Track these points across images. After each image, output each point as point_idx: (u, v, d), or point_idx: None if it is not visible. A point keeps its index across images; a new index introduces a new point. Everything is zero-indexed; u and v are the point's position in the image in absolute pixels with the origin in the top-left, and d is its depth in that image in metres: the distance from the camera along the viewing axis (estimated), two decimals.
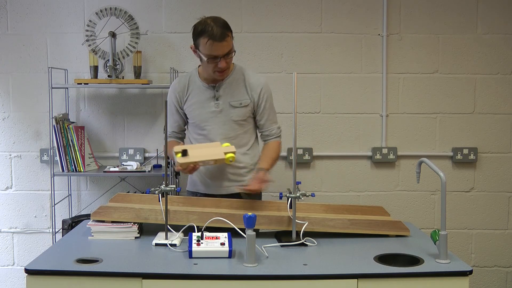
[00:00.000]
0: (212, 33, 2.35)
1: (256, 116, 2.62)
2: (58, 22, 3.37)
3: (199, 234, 1.99)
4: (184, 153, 2.26)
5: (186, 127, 2.72)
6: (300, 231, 2.16)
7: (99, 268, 1.84)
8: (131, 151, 3.41)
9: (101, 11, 3.15)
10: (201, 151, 2.30)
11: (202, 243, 1.96)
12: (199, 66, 2.61)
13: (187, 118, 2.65)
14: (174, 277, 1.81)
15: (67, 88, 3.35)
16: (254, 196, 2.59)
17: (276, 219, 2.23)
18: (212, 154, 2.26)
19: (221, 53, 2.40)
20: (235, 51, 2.49)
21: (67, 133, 3.16)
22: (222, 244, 1.96)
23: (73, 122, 3.30)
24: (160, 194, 2.15)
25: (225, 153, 2.26)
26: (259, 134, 2.70)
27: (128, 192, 3.32)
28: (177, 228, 2.17)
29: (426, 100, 3.47)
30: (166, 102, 2.25)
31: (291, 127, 2.18)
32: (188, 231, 2.09)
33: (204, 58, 2.41)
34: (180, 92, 2.61)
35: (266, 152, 2.61)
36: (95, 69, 3.23)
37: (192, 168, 2.27)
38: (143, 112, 3.42)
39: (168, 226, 2.14)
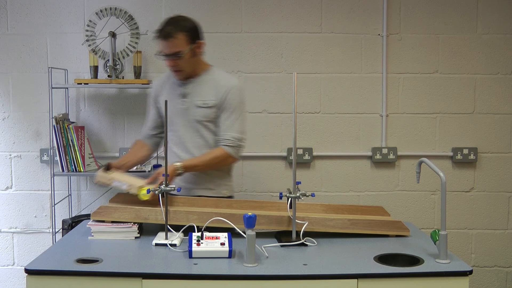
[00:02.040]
0: (160, 30, 2.44)
1: (219, 120, 2.52)
2: (58, 22, 3.37)
3: (199, 234, 1.99)
4: (107, 167, 2.36)
5: (161, 129, 2.70)
6: (300, 231, 2.16)
7: (99, 268, 1.84)
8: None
9: (101, 11, 3.15)
10: (125, 176, 2.38)
11: (202, 243, 1.96)
12: None
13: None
14: (174, 277, 1.81)
15: (67, 88, 3.35)
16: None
17: (276, 219, 2.23)
18: (130, 182, 2.30)
19: (165, 51, 2.45)
20: (184, 53, 2.43)
21: (67, 133, 3.16)
22: (222, 244, 1.96)
23: (73, 122, 3.30)
24: (160, 194, 2.15)
25: (141, 188, 2.26)
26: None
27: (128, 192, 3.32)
28: (177, 228, 2.17)
29: (426, 100, 3.47)
30: (166, 102, 2.23)
31: (291, 127, 2.18)
32: (188, 231, 2.09)
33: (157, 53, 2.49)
34: (158, 87, 2.67)
35: (204, 154, 2.49)
36: (95, 69, 3.23)
37: (103, 183, 2.35)
38: (143, 112, 3.40)
39: (168, 226, 2.14)
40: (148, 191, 2.20)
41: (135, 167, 3.17)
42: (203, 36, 2.58)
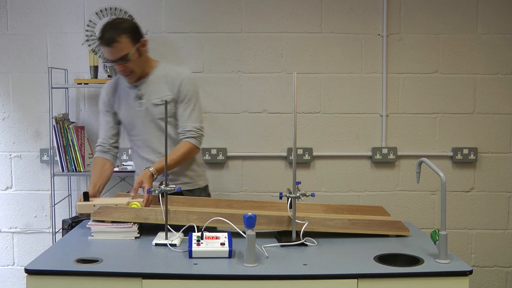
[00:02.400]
0: (102, 37, 2.39)
1: (177, 112, 2.54)
2: (58, 22, 3.37)
3: (199, 234, 1.99)
4: (86, 196, 2.30)
5: (118, 136, 2.67)
6: (300, 231, 2.16)
7: (99, 268, 1.84)
8: (131, 151, 3.40)
9: (101, 11, 3.15)
10: (107, 199, 2.35)
11: (202, 243, 1.96)
12: None
13: (120, 121, 2.64)
14: (174, 277, 1.81)
15: (67, 88, 3.35)
16: (199, 193, 2.63)
17: (276, 219, 2.23)
18: (115, 202, 2.28)
19: (111, 58, 2.41)
20: (129, 56, 2.41)
21: (67, 133, 3.16)
22: (222, 244, 1.96)
23: (73, 122, 3.30)
24: (160, 194, 2.15)
25: (129, 203, 2.27)
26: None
27: (128, 192, 3.32)
28: (177, 228, 2.16)
29: (426, 100, 3.47)
30: (166, 102, 2.22)
31: (291, 127, 2.18)
32: (188, 231, 2.09)
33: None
34: (109, 94, 2.62)
35: (173, 150, 2.48)
36: (95, 69, 3.23)
37: (87, 213, 2.28)
38: None
39: (168, 226, 2.14)
40: (148, 191, 2.20)
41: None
42: (143, 34, 2.54)
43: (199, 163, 2.70)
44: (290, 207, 2.18)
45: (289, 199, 2.17)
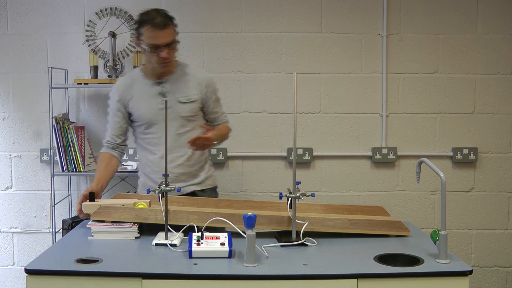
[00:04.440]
0: (154, 21, 2.39)
1: (205, 111, 2.62)
2: (58, 22, 3.37)
3: (199, 234, 1.99)
4: (91, 197, 2.30)
5: (127, 135, 2.65)
6: (300, 231, 2.16)
7: (99, 268, 1.84)
8: (131, 151, 3.40)
9: (101, 11, 3.15)
10: (112, 201, 2.34)
11: (202, 243, 1.96)
12: (142, 64, 2.60)
13: (130, 120, 2.61)
14: (174, 277, 1.81)
15: (67, 88, 3.35)
16: (210, 193, 2.64)
17: (276, 219, 2.23)
18: (121, 202, 2.29)
19: (162, 42, 2.41)
20: (177, 42, 2.48)
21: (67, 133, 3.16)
22: (222, 244, 1.96)
23: (73, 122, 3.30)
24: (160, 194, 2.15)
25: (136, 204, 2.28)
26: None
27: (128, 192, 3.32)
28: (177, 228, 2.16)
29: (426, 100, 3.47)
30: (166, 102, 2.22)
31: (291, 127, 2.18)
32: (188, 231, 2.09)
33: (147, 48, 2.42)
34: (124, 91, 2.58)
35: (217, 129, 2.62)
36: (95, 69, 3.23)
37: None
38: None
39: (168, 226, 2.14)
40: (148, 191, 2.20)
41: (135, 167, 3.18)
42: None
43: (210, 164, 2.73)
44: (290, 207, 2.18)
45: (289, 199, 2.18)
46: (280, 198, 2.19)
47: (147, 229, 2.27)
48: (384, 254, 2.00)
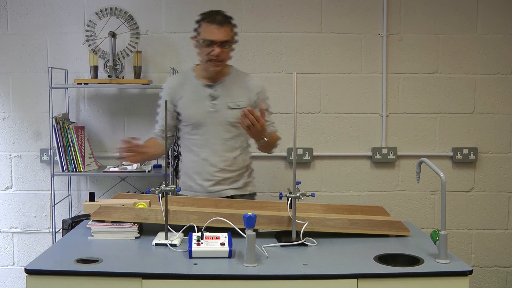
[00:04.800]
0: (213, 18, 2.44)
1: None
2: (58, 22, 3.37)
3: (199, 234, 1.99)
4: (92, 197, 2.32)
5: (175, 131, 2.67)
6: (300, 231, 2.16)
7: (99, 268, 1.84)
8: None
9: (101, 11, 3.15)
10: (111, 201, 2.35)
11: (202, 243, 1.96)
12: (195, 65, 2.61)
13: (178, 118, 2.62)
14: (174, 277, 1.81)
15: (67, 88, 3.35)
16: (247, 197, 2.65)
17: (276, 219, 2.23)
18: (121, 202, 2.30)
19: (217, 38, 2.42)
20: (232, 45, 2.49)
21: (67, 133, 3.16)
22: (222, 244, 1.96)
23: (73, 122, 3.30)
24: (160, 194, 2.15)
25: (136, 204, 2.29)
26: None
27: (128, 192, 3.33)
28: (177, 228, 2.16)
29: (426, 100, 3.47)
30: (166, 102, 2.22)
31: (291, 127, 2.18)
32: (188, 231, 2.09)
33: (201, 42, 2.45)
34: (175, 90, 2.59)
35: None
36: (95, 69, 3.23)
37: None
38: (143, 112, 3.42)
39: (168, 226, 2.14)
40: (148, 190, 2.19)
41: (135, 167, 3.18)
42: None
43: (251, 171, 2.74)
44: (290, 207, 2.18)
45: (289, 199, 2.17)
46: (280, 198, 2.19)
47: (147, 229, 2.27)
48: (384, 254, 2.00)
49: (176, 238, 2.10)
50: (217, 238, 1.99)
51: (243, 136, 2.59)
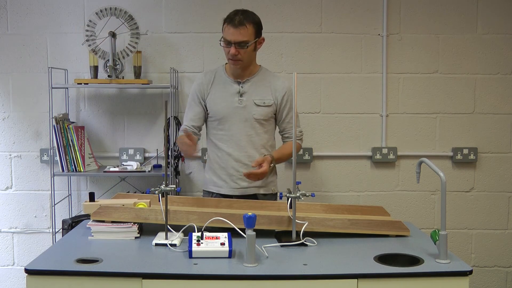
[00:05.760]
0: (232, 19, 2.50)
1: (278, 118, 2.68)
2: (58, 22, 3.37)
3: (199, 234, 1.99)
4: (92, 197, 2.33)
5: (204, 125, 2.72)
6: (300, 231, 2.16)
7: (99, 268, 1.84)
8: (131, 151, 3.41)
9: (101, 11, 3.15)
10: (111, 201, 2.36)
11: (202, 243, 1.96)
12: (226, 63, 2.67)
13: (207, 113, 2.67)
14: (174, 277, 1.81)
15: (67, 88, 3.35)
16: (270, 197, 2.68)
17: (276, 219, 2.23)
18: (121, 202, 2.31)
19: (232, 39, 2.49)
20: (251, 45, 2.52)
21: (67, 133, 3.16)
22: (222, 244, 1.96)
23: (73, 122, 3.30)
24: (160, 194, 2.15)
25: (136, 203, 2.29)
26: (280, 136, 2.76)
27: (128, 192, 3.33)
28: (177, 228, 2.17)
29: (426, 100, 3.47)
30: (166, 102, 2.23)
31: (291, 127, 2.18)
32: (188, 231, 2.09)
33: (221, 41, 2.52)
34: (205, 84, 2.66)
35: (281, 147, 2.70)
36: (95, 69, 3.23)
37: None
38: (143, 112, 3.42)
39: (168, 226, 2.14)
40: (148, 190, 2.19)
41: (135, 167, 3.17)
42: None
43: (275, 171, 2.79)
44: (290, 207, 2.18)
45: (289, 199, 2.18)
46: (280, 198, 2.19)
47: (147, 229, 2.27)
48: (384, 254, 2.00)
49: (176, 238, 2.10)
50: (217, 238, 1.99)
51: (268, 134, 2.67)
